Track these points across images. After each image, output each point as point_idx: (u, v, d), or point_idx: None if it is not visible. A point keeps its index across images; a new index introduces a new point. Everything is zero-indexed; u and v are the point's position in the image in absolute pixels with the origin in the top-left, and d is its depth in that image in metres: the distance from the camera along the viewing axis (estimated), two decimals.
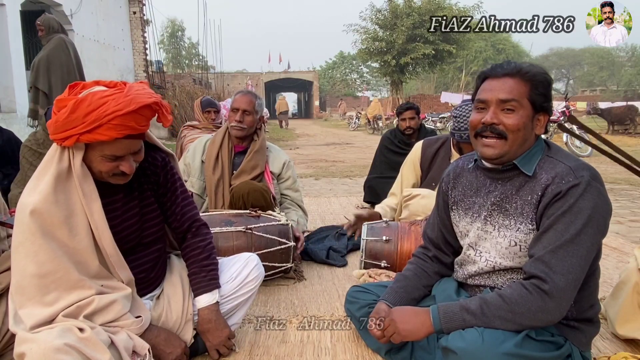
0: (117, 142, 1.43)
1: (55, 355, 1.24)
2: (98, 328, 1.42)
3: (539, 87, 1.44)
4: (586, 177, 1.37)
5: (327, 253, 3.05)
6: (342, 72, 55.81)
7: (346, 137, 17.32)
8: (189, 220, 1.78)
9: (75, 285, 1.43)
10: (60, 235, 1.43)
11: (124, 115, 1.37)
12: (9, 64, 8.47)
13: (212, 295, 1.73)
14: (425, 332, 1.46)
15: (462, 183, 1.66)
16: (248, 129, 2.87)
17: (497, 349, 1.29)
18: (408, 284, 1.73)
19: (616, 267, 2.82)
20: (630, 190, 5.61)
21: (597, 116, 14.22)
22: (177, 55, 46.59)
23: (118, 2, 13.86)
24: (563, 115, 9.40)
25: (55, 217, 1.42)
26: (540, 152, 1.49)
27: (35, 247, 1.39)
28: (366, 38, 25.36)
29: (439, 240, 1.78)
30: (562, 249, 1.35)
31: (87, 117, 1.36)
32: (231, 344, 1.77)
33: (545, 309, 1.34)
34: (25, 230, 1.40)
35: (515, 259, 1.50)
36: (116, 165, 1.47)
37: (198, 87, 17.58)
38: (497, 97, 1.44)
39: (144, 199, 1.66)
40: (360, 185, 5.11)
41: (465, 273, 1.65)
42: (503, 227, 1.50)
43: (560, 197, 1.37)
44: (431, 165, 2.96)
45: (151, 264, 1.72)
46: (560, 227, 1.36)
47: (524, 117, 1.43)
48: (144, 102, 1.40)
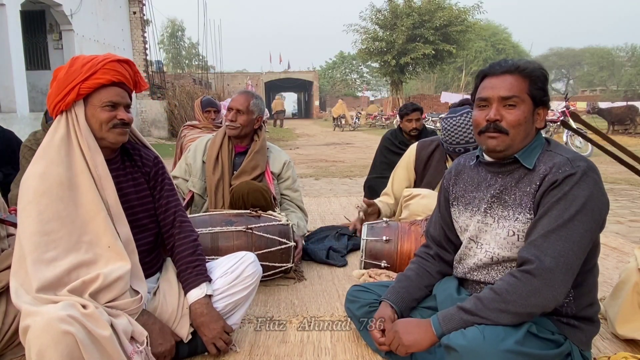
0: (112, 88, 1.62)
1: (59, 324, 1.28)
2: (100, 308, 1.45)
3: (538, 82, 1.49)
4: (583, 167, 1.40)
5: (327, 253, 3.05)
6: (342, 72, 55.82)
7: (346, 137, 17.32)
8: (173, 213, 1.84)
9: (73, 247, 1.50)
10: (66, 196, 1.52)
11: (113, 62, 1.61)
12: (9, 64, 8.48)
13: (200, 290, 1.76)
14: (428, 342, 1.47)
15: (464, 179, 1.69)
16: (242, 128, 2.85)
17: (498, 346, 1.30)
18: (410, 284, 1.74)
19: (616, 267, 2.82)
20: (630, 190, 5.61)
21: (596, 115, 14.22)
22: (177, 55, 46.63)
23: (118, 2, 13.87)
24: (563, 116, 9.41)
25: (61, 176, 1.53)
26: (540, 147, 1.52)
27: (40, 207, 1.48)
28: (366, 38, 25.38)
29: (441, 237, 1.79)
30: (554, 233, 1.37)
31: (84, 67, 1.59)
32: (228, 338, 1.77)
33: (536, 293, 1.34)
34: (31, 193, 1.50)
35: (513, 249, 1.51)
36: (114, 115, 1.63)
37: (198, 87, 17.59)
38: (499, 94, 1.48)
39: (136, 179, 1.79)
40: (360, 185, 5.11)
41: (465, 268, 1.66)
42: (502, 218, 1.53)
43: (557, 185, 1.40)
44: (426, 167, 2.94)
45: (147, 247, 1.78)
46: (555, 213, 1.39)
47: (525, 112, 1.48)
48: (120, 57, 1.65)
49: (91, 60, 1.60)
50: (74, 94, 1.58)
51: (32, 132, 3.57)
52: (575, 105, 15.24)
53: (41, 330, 1.28)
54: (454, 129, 2.68)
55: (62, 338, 1.27)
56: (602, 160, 8.23)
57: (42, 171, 1.52)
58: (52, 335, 1.27)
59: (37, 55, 11.71)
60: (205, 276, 1.79)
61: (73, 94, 1.58)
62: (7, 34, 8.38)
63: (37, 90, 11.59)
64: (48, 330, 1.27)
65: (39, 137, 3.45)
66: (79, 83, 1.57)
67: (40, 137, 3.44)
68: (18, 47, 8.74)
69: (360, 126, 22.72)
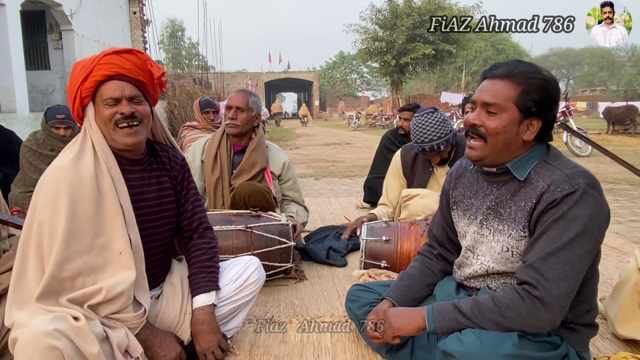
0: (111, 83, 1.55)
1: (46, 339, 1.26)
2: (95, 320, 1.43)
3: (532, 92, 1.39)
4: (582, 185, 1.34)
5: (327, 253, 3.05)
6: (342, 72, 55.80)
7: (346, 137, 17.32)
8: (198, 220, 1.82)
9: (85, 249, 1.47)
10: (94, 193, 1.50)
11: (106, 56, 1.56)
12: (9, 64, 8.47)
13: (208, 296, 1.73)
14: (415, 326, 1.47)
15: (463, 183, 1.67)
16: (242, 126, 2.85)
17: (497, 351, 1.29)
18: (413, 283, 1.74)
19: (616, 267, 2.82)
20: (630, 190, 5.60)
21: (596, 116, 14.22)
22: (177, 55, 46.57)
23: (118, 2, 13.86)
24: (563, 116, 9.40)
25: (90, 171, 1.51)
26: (537, 157, 1.46)
27: (74, 202, 1.47)
28: (366, 38, 25.38)
29: (443, 238, 1.79)
30: (553, 256, 1.33)
31: (82, 69, 1.56)
32: (220, 355, 1.73)
33: (536, 316, 1.33)
34: (62, 184, 1.47)
35: (507, 264, 1.50)
36: (116, 110, 1.56)
37: (198, 87, 17.57)
38: (482, 99, 1.45)
39: (162, 182, 1.73)
40: (360, 185, 5.11)
41: (462, 275, 1.66)
42: (497, 231, 1.51)
43: (555, 204, 1.35)
44: (413, 169, 2.99)
45: (158, 256, 1.73)
46: (553, 234, 1.34)
47: (505, 122, 1.41)
48: (120, 48, 1.61)
49: (88, 60, 1.57)
50: (78, 99, 1.57)
51: (32, 132, 3.57)
52: (575, 105, 15.23)
53: (28, 344, 1.26)
54: (414, 129, 2.77)
55: (48, 353, 1.25)
56: (602, 160, 8.23)
57: (62, 165, 1.51)
58: (39, 350, 1.25)
59: (37, 55, 11.70)
60: (216, 284, 1.78)
61: (78, 98, 1.57)
62: (7, 34, 8.36)
63: (37, 90, 11.58)
64: (35, 344, 1.26)
65: (38, 137, 3.45)
66: (79, 86, 1.55)
67: (40, 137, 3.43)
68: (18, 47, 8.73)
69: (360, 126, 22.70)
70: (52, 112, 3.43)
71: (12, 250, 1.82)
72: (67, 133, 3.40)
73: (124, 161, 1.62)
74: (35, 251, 1.45)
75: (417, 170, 2.96)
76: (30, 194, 3.35)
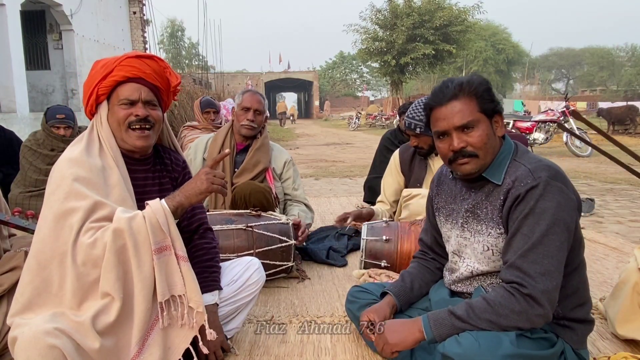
0: (129, 85, 1.59)
1: (45, 338, 1.26)
2: None
3: (484, 96, 1.47)
4: (544, 178, 1.38)
5: (327, 253, 3.05)
6: (342, 72, 55.82)
7: (346, 137, 17.32)
8: (198, 221, 1.83)
9: None
10: (97, 186, 1.51)
11: (128, 58, 1.60)
12: (9, 64, 8.47)
13: (212, 296, 1.73)
14: (412, 339, 1.47)
15: (444, 190, 1.71)
16: (258, 128, 2.94)
17: (496, 352, 1.30)
18: (413, 279, 1.79)
19: (616, 267, 2.82)
20: (630, 190, 5.60)
21: (596, 115, 14.23)
22: (177, 55, 46.53)
23: (118, 2, 13.85)
24: (563, 115, 9.39)
25: (92, 167, 1.53)
26: (508, 157, 1.51)
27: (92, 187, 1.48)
28: (366, 38, 25.37)
29: (433, 244, 1.83)
30: (531, 252, 1.36)
31: (102, 68, 1.59)
32: (221, 356, 1.72)
33: (529, 311, 1.34)
34: (59, 179, 1.48)
35: (490, 263, 1.53)
36: (131, 112, 1.59)
37: (198, 87, 17.57)
38: (454, 124, 1.47)
39: (163, 184, 1.76)
40: (360, 185, 5.11)
41: (449, 280, 1.69)
42: (477, 232, 1.55)
43: (520, 200, 1.40)
44: (411, 167, 3.01)
45: None
46: (526, 230, 1.38)
47: (485, 129, 1.48)
48: (142, 53, 1.66)
49: (109, 61, 1.61)
50: (94, 95, 1.60)
51: (32, 132, 3.57)
52: (575, 105, 15.23)
53: (27, 343, 1.26)
54: (415, 104, 2.77)
55: (48, 352, 1.25)
56: (602, 160, 8.23)
57: (73, 157, 1.51)
58: (38, 349, 1.25)
59: (37, 55, 11.69)
60: (219, 284, 1.78)
61: (94, 95, 1.60)
62: (7, 34, 8.37)
63: (37, 90, 11.58)
64: (34, 343, 1.25)
65: (38, 137, 3.45)
66: (97, 83, 1.59)
67: (40, 137, 3.44)
68: (18, 47, 8.73)
69: (360, 126, 22.70)
70: (52, 112, 3.44)
71: (13, 251, 1.82)
72: (67, 133, 3.40)
73: (129, 160, 1.65)
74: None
75: (415, 167, 2.98)
76: (30, 194, 3.38)
